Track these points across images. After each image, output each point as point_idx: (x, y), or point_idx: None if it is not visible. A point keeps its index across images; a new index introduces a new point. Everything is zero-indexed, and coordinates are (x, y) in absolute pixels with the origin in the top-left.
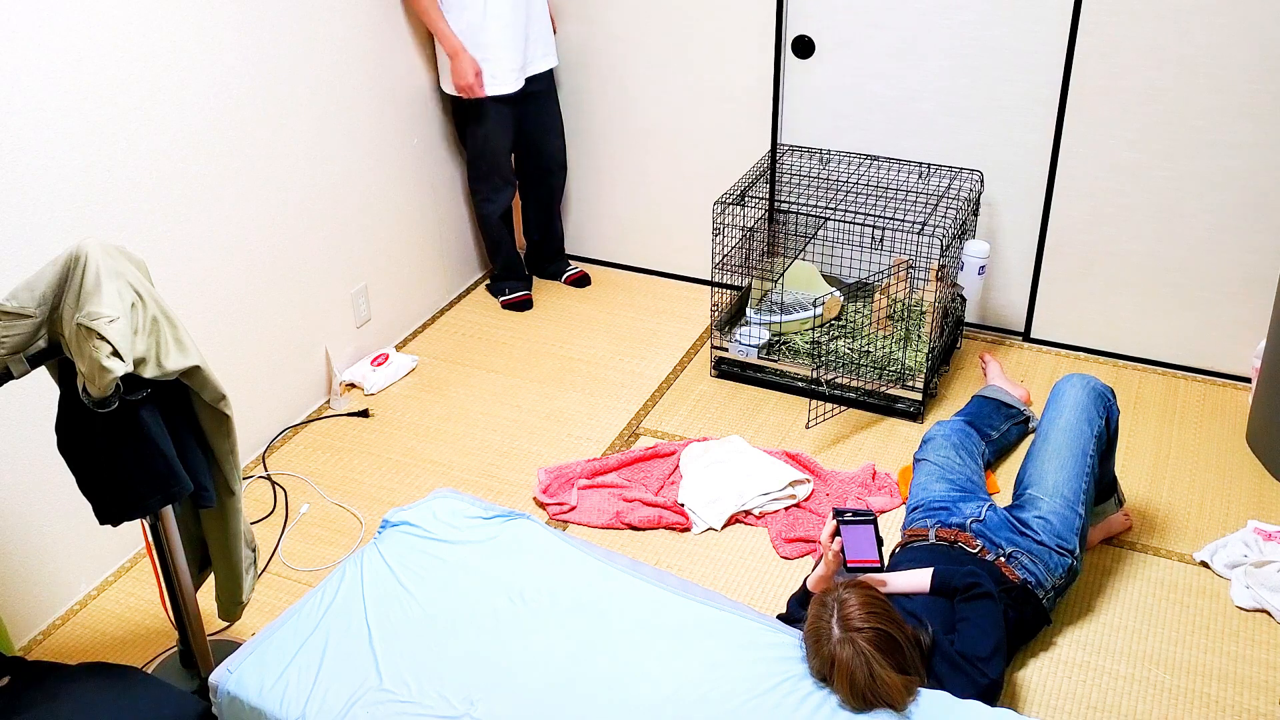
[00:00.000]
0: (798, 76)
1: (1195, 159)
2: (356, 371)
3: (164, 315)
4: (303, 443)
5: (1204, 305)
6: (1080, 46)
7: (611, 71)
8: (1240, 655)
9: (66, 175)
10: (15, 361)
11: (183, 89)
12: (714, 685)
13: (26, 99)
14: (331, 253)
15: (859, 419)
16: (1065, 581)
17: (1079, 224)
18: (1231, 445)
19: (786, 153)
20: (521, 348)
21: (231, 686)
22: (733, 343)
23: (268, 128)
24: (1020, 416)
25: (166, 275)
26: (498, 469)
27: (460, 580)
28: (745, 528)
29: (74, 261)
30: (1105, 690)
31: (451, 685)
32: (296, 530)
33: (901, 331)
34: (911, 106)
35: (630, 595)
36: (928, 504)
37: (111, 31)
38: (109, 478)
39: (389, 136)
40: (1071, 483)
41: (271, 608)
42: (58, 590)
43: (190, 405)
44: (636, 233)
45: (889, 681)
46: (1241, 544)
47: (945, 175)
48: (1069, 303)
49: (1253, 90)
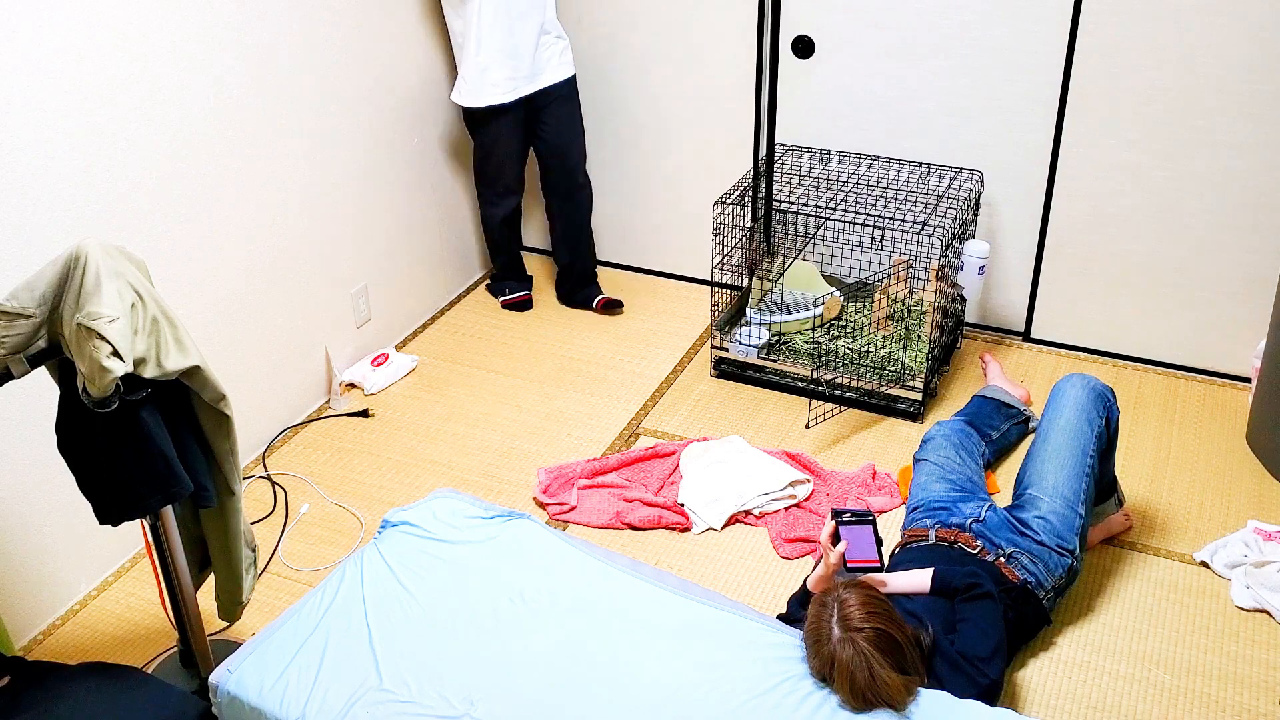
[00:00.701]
0: (797, 76)
1: (1195, 159)
2: (356, 371)
3: (164, 315)
4: (303, 443)
5: (1204, 305)
6: (1080, 46)
7: (610, 72)
8: (1240, 655)
9: (66, 175)
10: (15, 361)
11: (182, 89)
12: (714, 685)
13: (26, 99)
14: (331, 253)
15: (859, 419)
16: (1065, 582)
17: (1079, 224)
18: (1231, 445)
19: (787, 153)
20: (521, 348)
21: (231, 686)
22: (733, 343)
23: (268, 128)
24: (1020, 416)
25: (166, 275)
26: (498, 469)
27: (460, 580)
28: (745, 528)
29: (74, 261)
30: (1105, 690)
31: (451, 685)
32: (296, 530)
33: (901, 331)
34: (911, 106)
35: (630, 595)
36: (928, 504)
37: (111, 31)
38: (109, 478)
39: (389, 137)
40: (1071, 483)
41: (271, 608)
42: (58, 590)
43: (190, 405)
44: (636, 233)
45: (889, 681)
46: (1241, 544)
47: (945, 175)
48: (1069, 303)
49: (1253, 90)
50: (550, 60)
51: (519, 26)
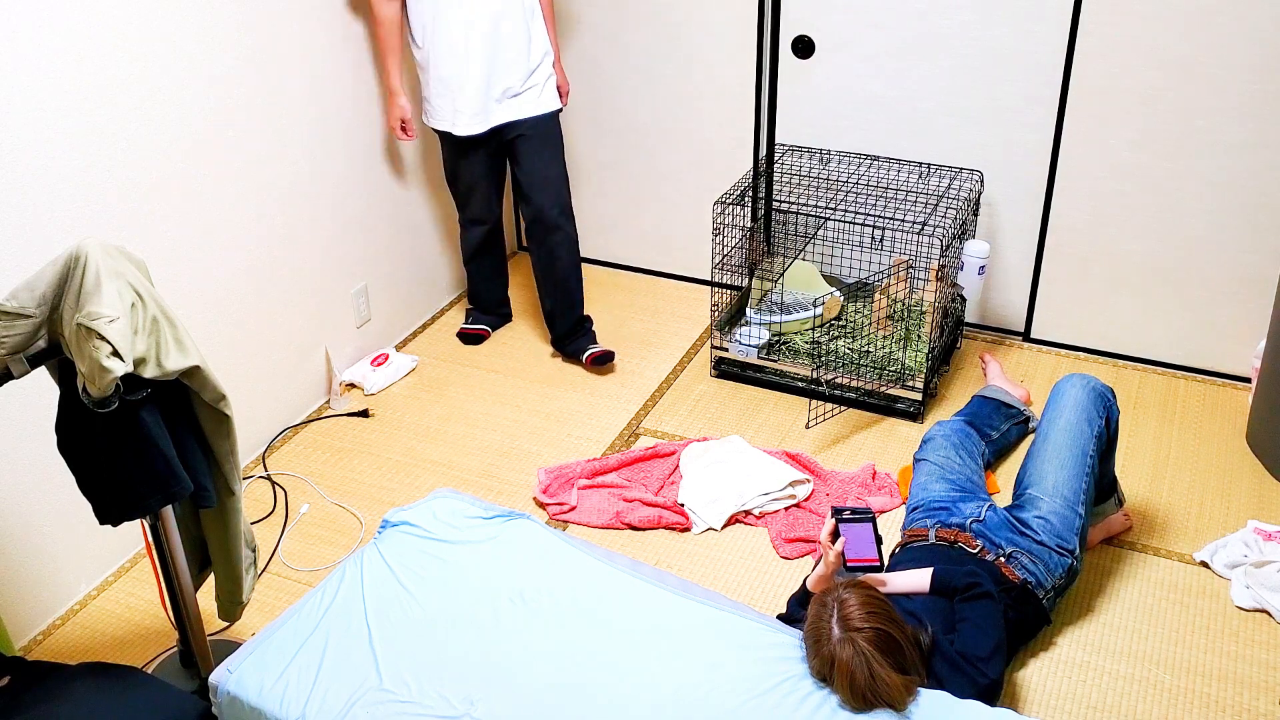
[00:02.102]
0: (797, 76)
1: (1195, 159)
2: (356, 371)
3: (164, 315)
4: (303, 443)
5: (1204, 305)
6: (1080, 46)
7: (611, 72)
8: (1240, 655)
9: (66, 175)
10: (15, 361)
11: (182, 89)
12: (714, 685)
13: (26, 99)
14: (331, 253)
15: (859, 419)
16: (1065, 581)
17: (1079, 224)
18: (1231, 445)
19: (787, 153)
20: (522, 348)
21: (231, 686)
22: (733, 343)
23: (268, 127)
24: (1020, 416)
25: (166, 275)
26: (498, 469)
27: (460, 580)
28: (745, 528)
29: (74, 261)
30: (1105, 690)
31: (451, 685)
32: (296, 530)
33: (901, 331)
34: (911, 106)
35: (630, 595)
36: (928, 504)
37: (111, 31)
38: (109, 478)
39: (389, 136)
40: (1071, 483)
41: (271, 608)
42: (58, 590)
43: (190, 405)
44: (636, 233)
45: (889, 681)
46: (1241, 544)
47: (945, 175)
48: (1069, 303)
49: (1253, 90)
50: (517, 92)
51: (508, 55)
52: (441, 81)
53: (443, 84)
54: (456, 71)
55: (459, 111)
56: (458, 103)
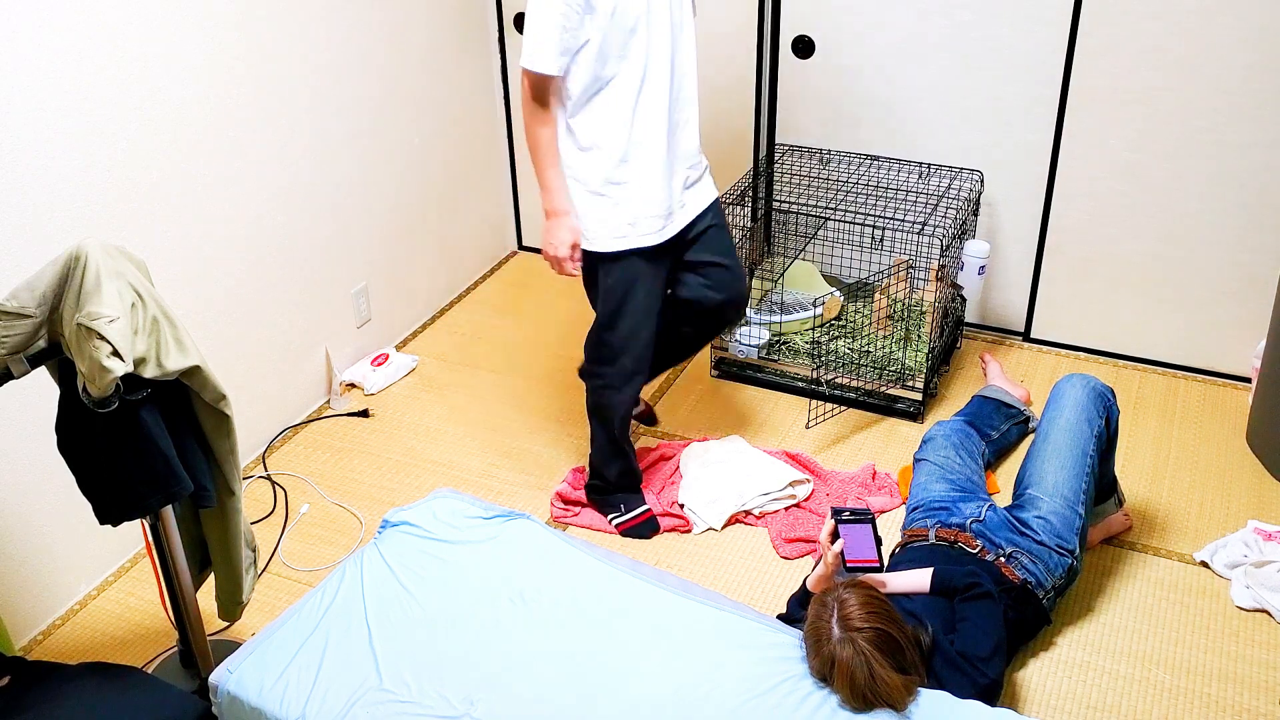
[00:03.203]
0: (797, 76)
1: (1195, 159)
2: (356, 371)
3: (164, 315)
4: (303, 443)
5: (1204, 305)
6: (1080, 46)
7: None
8: (1240, 655)
9: (66, 175)
10: (15, 361)
11: (183, 89)
12: (714, 685)
13: (26, 99)
14: (331, 253)
15: (859, 419)
16: (1065, 581)
17: (1079, 224)
18: (1231, 445)
19: (786, 153)
20: (521, 348)
21: (231, 686)
22: (733, 343)
23: (268, 127)
24: (1020, 416)
25: (166, 275)
26: (498, 469)
27: (460, 580)
28: (745, 528)
29: (74, 261)
30: (1105, 690)
31: (451, 685)
32: (296, 530)
33: (901, 331)
34: (911, 106)
35: (630, 595)
36: (928, 504)
37: (111, 31)
38: (109, 478)
39: (389, 136)
40: (1071, 483)
41: (271, 608)
42: (58, 590)
43: (190, 405)
44: None
45: (889, 681)
46: (1241, 544)
47: (945, 175)
48: (1069, 303)
49: (1253, 90)
50: (695, 176)
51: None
52: (639, 179)
53: (642, 179)
54: (649, 169)
55: (654, 217)
56: (653, 207)
